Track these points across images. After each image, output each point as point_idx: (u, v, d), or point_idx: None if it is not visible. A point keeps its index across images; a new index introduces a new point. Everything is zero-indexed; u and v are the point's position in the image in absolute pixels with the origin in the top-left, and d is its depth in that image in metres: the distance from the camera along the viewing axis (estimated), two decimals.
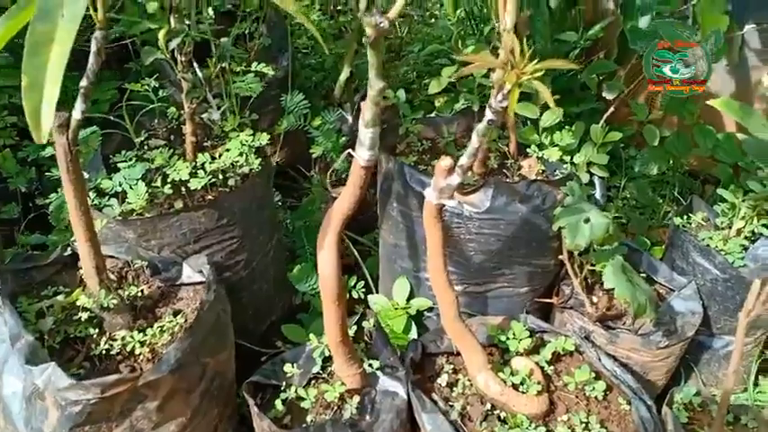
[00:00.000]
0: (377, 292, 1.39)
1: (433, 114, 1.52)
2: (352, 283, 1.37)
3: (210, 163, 1.13)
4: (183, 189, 1.14)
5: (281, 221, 1.52)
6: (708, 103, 0.70)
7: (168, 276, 1.11)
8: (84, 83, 0.82)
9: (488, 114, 0.81)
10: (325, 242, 0.88)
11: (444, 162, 0.85)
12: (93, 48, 0.80)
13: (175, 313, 1.04)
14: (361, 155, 0.87)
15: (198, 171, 1.13)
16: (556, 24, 1.80)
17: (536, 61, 0.67)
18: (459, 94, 1.51)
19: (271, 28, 1.84)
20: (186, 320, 1.02)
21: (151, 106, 1.29)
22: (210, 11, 1.56)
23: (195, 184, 1.10)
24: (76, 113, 0.83)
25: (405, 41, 2.24)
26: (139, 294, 1.05)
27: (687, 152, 1.60)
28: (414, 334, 1.22)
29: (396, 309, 1.25)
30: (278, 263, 1.33)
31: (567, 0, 1.74)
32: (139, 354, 0.97)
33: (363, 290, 1.37)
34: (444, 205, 0.89)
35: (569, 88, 1.75)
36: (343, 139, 1.60)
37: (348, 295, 1.38)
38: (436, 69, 1.65)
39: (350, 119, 1.71)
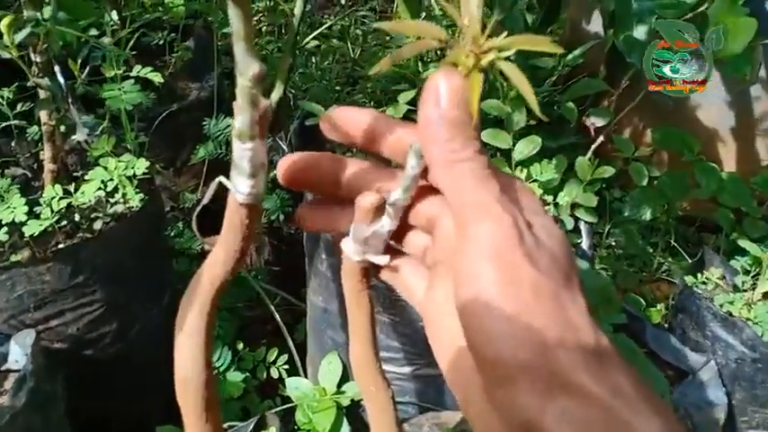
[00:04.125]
0: (303, 371, 1.06)
1: None
2: (272, 358, 1.05)
3: (61, 199, 0.82)
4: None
5: (186, 273, 1.20)
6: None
7: None
8: None
9: None
10: (186, 322, 0.56)
11: (367, 200, 0.48)
12: None
13: None
14: (239, 186, 0.52)
15: (42, 211, 0.81)
16: None
17: (504, 35, 0.34)
18: None
19: (199, 41, 1.57)
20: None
21: (4, 124, 0.98)
22: (114, 15, 1.29)
23: (33, 229, 0.78)
24: None
25: (359, 65, 1.99)
26: None
27: (684, 194, 1.36)
28: None
29: (323, 397, 0.93)
30: (171, 331, 1.01)
31: (545, 17, 1.51)
32: None
33: (286, 367, 1.05)
34: (371, 263, 0.54)
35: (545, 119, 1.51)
36: (274, 172, 1.30)
37: (266, 374, 1.06)
38: (395, 96, 1.40)
39: (284, 147, 1.43)
